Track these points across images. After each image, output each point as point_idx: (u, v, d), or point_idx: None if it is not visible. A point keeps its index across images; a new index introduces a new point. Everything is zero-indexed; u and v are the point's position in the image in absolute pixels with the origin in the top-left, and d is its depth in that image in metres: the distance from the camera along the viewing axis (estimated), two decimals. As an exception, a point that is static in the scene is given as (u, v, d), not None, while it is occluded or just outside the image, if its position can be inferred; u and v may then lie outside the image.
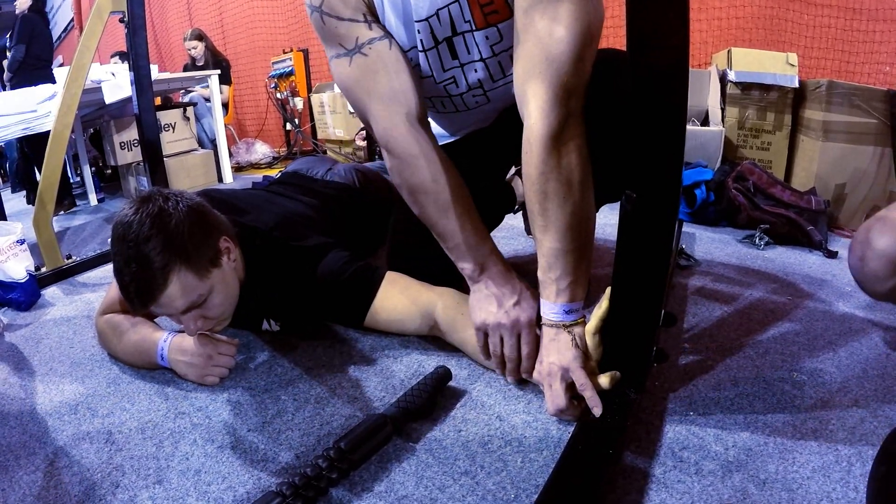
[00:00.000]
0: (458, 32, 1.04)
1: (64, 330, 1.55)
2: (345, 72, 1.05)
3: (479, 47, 1.06)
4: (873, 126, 2.10)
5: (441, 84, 1.14)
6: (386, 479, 0.87)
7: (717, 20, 3.06)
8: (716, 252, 1.82)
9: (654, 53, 0.75)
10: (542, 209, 0.92)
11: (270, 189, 1.56)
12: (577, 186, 0.90)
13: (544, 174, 0.89)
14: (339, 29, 1.03)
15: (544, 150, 0.88)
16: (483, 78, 1.11)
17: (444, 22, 1.02)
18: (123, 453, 0.98)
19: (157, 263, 1.02)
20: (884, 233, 0.96)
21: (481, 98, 1.17)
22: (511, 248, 1.90)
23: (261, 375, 1.21)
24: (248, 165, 4.74)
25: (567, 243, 0.91)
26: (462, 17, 1.01)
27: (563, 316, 0.94)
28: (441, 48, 1.07)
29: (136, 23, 2.16)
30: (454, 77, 1.12)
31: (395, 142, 1.01)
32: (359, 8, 1.03)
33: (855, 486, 0.80)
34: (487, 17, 1.01)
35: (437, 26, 1.03)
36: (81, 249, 2.53)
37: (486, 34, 1.03)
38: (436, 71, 1.11)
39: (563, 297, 0.94)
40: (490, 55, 1.07)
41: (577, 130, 0.90)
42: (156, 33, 6.80)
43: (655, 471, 0.85)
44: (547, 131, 0.88)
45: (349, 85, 1.05)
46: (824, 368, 1.11)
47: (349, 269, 1.21)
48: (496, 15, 1.00)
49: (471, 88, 1.15)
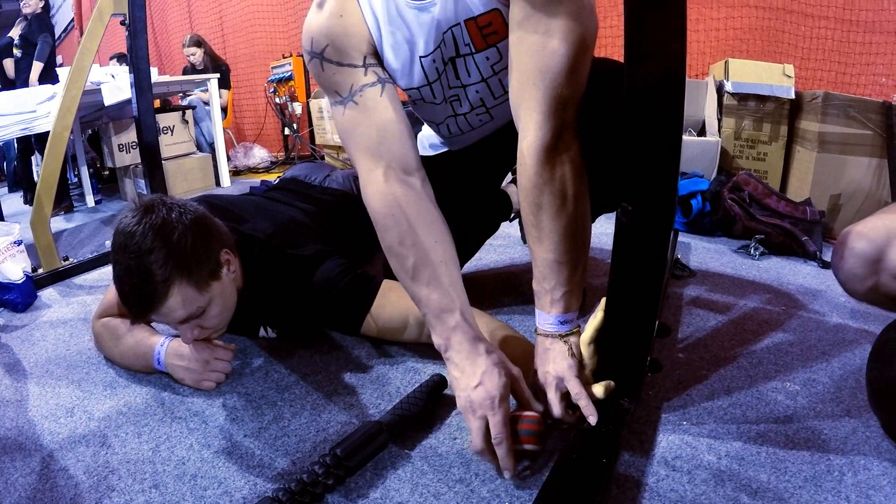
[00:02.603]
0: (461, 55, 1.05)
1: (60, 332, 1.55)
2: (340, 120, 1.03)
3: (479, 68, 1.06)
4: (869, 137, 2.12)
5: (447, 103, 1.15)
6: (381, 486, 0.88)
7: (715, 31, 3.08)
8: (711, 262, 1.83)
9: (651, 63, 0.76)
10: (536, 221, 0.92)
11: (268, 195, 1.57)
12: (571, 198, 0.91)
13: (538, 186, 0.90)
14: (335, 76, 1.02)
15: (538, 162, 0.89)
16: (484, 95, 1.12)
17: (449, 44, 1.03)
18: (119, 457, 0.98)
19: (158, 276, 1.03)
20: (861, 235, 0.99)
21: (485, 116, 1.18)
22: (507, 257, 1.91)
23: (257, 381, 1.21)
24: (246, 170, 4.74)
25: (561, 254, 0.92)
26: (462, 40, 1.02)
27: (559, 326, 0.94)
28: (448, 70, 1.08)
29: (137, 25, 2.16)
30: (458, 95, 1.13)
31: (368, 199, 1.00)
32: (360, 50, 1.01)
33: (847, 496, 0.81)
34: (487, 39, 1.01)
35: (444, 48, 1.04)
36: (79, 251, 2.53)
37: (486, 55, 1.04)
38: (445, 93, 1.12)
39: (558, 307, 0.94)
40: (490, 74, 1.08)
41: (571, 142, 0.90)
42: (156, 36, 6.80)
43: (649, 479, 0.86)
44: (541, 143, 0.88)
45: (342, 134, 1.05)
46: (817, 378, 1.11)
47: (346, 277, 1.22)
48: (495, 35, 1.01)
49: (473, 108, 1.15)
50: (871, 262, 0.98)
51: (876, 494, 0.81)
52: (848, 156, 2.16)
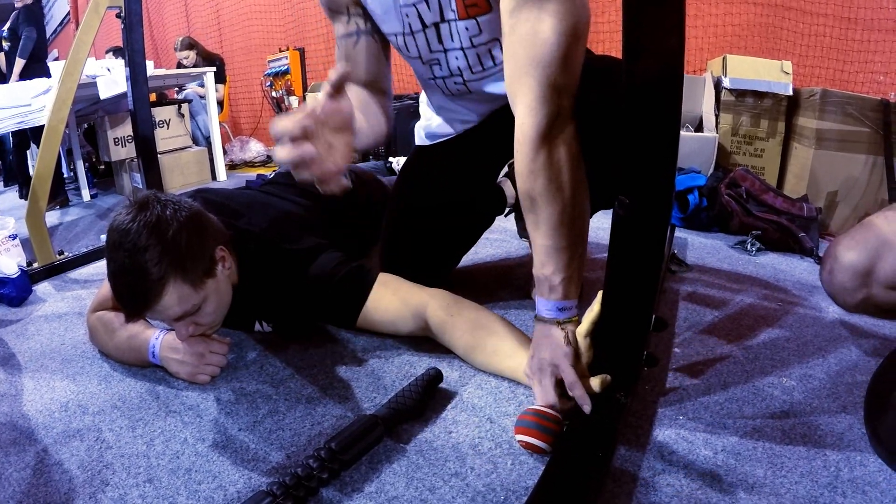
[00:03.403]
0: (445, 20, 1.08)
1: (55, 326, 1.55)
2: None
3: (460, 36, 1.10)
4: (866, 135, 2.12)
5: (427, 64, 1.19)
6: (376, 480, 0.88)
7: (714, 27, 3.08)
8: (707, 257, 1.83)
9: (649, 58, 0.76)
10: (531, 206, 0.93)
11: (264, 189, 1.56)
12: (567, 185, 0.91)
13: (533, 172, 0.90)
14: (333, 23, 1.19)
15: (532, 149, 0.89)
16: (462, 66, 1.16)
17: (434, 8, 1.07)
18: (113, 451, 0.98)
19: (153, 275, 1.02)
20: (850, 247, 0.99)
21: (462, 87, 1.21)
22: (503, 251, 1.91)
23: (252, 375, 1.21)
24: (242, 163, 4.73)
25: (558, 240, 0.92)
26: (449, 6, 1.06)
27: (556, 313, 0.95)
28: (429, 32, 1.11)
29: (133, 18, 2.15)
30: (438, 60, 1.17)
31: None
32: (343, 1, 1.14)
33: (843, 492, 0.81)
34: (468, 10, 1.04)
35: (427, 11, 1.07)
36: (74, 245, 2.52)
37: (466, 25, 1.07)
38: (423, 52, 1.16)
39: (557, 293, 0.94)
40: (469, 45, 1.11)
41: (566, 129, 0.91)
42: (152, 29, 6.77)
43: (644, 474, 0.86)
44: (535, 130, 0.89)
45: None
46: (814, 374, 1.11)
47: (341, 270, 1.21)
48: (475, 8, 1.04)
49: (452, 75, 1.19)
50: (862, 274, 0.99)
51: (872, 490, 0.81)
52: (845, 153, 2.16)
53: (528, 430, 0.89)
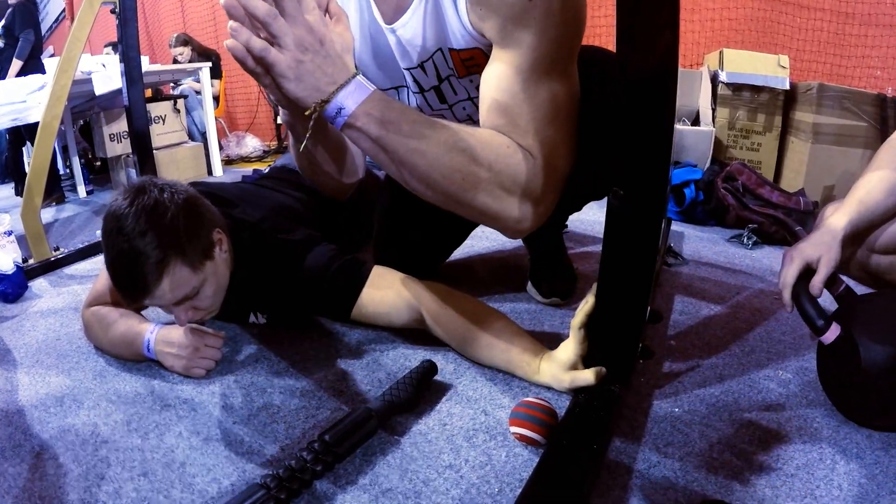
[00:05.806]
0: (444, 78, 1.04)
1: (51, 322, 1.54)
2: None
3: (465, 89, 1.06)
4: (863, 129, 2.12)
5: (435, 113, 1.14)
6: (370, 472, 0.88)
7: (710, 21, 3.08)
8: (704, 251, 1.83)
9: (643, 51, 0.75)
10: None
11: (259, 183, 1.56)
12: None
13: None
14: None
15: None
16: (472, 112, 1.11)
17: (431, 73, 1.02)
18: (109, 445, 0.98)
19: (152, 259, 1.02)
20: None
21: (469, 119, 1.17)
22: (498, 244, 1.90)
23: (247, 368, 1.21)
24: (238, 159, 4.71)
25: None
26: (446, 65, 1.00)
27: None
28: (428, 95, 1.07)
29: (128, 14, 2.14)
30: (444, 116, 1.12)
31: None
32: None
33: (839, 484, 0.81)
34: (469, 69, 1.00)
35: (424, 77, 1.03)
36: (69, 241, 2.51)
37: (469, 79, 1.03)
38: (426, 110, 1.11)
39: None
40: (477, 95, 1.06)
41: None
42: (147, 24, 6.73)
43: (639, 466, 0.86)
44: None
45: None
46: (810, 367, 1.11)
47: (336, 262, 1.21)
48: (477, 67, 0.98)
49: (461, 121, 1.13)
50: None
51: (868, 483, 0.81)
52: (842, 147, 2.16)
53: (522, 422, 0.89)
